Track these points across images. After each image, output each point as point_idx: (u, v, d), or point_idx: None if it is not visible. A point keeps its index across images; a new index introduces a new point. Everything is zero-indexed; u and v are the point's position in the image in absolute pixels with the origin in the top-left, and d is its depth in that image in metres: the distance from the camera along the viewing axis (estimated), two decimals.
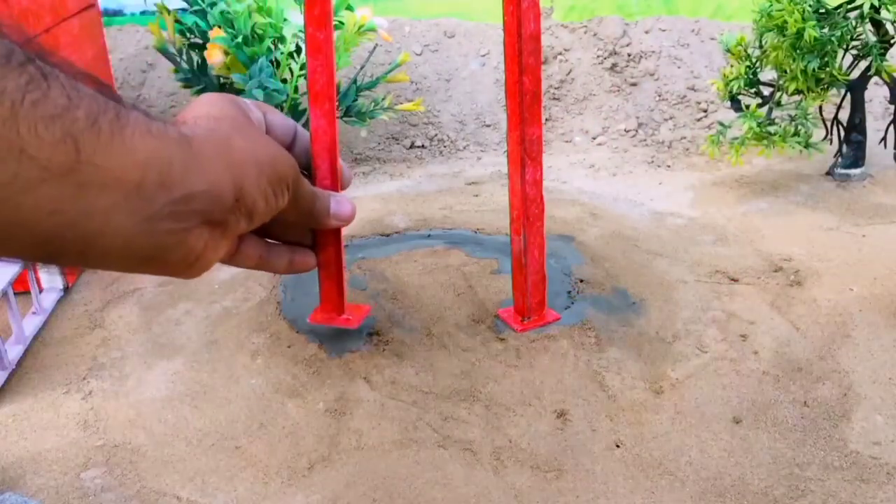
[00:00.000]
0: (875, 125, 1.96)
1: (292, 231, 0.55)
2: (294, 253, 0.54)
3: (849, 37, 1.52)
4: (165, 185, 0.35)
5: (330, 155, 0.89)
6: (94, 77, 0.34)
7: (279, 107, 1.66)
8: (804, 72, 1.54)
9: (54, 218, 0.31)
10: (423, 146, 2.13)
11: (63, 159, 0.30)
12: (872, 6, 1.49)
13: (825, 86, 1.58)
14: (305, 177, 0.51)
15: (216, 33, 1.58)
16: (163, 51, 1.68)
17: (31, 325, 1.25)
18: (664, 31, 2.36)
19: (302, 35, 1.63)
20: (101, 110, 0.32)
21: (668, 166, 1.96)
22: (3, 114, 0.28)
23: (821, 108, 1.69)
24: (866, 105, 1.75)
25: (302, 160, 0.49)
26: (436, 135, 2.16)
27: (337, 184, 0.88)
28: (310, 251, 0.56)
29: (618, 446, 0.96)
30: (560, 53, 2.33)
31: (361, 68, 1.87)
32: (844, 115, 1.75)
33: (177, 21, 1.69)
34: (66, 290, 1.38)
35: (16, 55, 0.29)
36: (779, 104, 1.65)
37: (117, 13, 2.38)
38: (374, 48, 1.95)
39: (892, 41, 1.58)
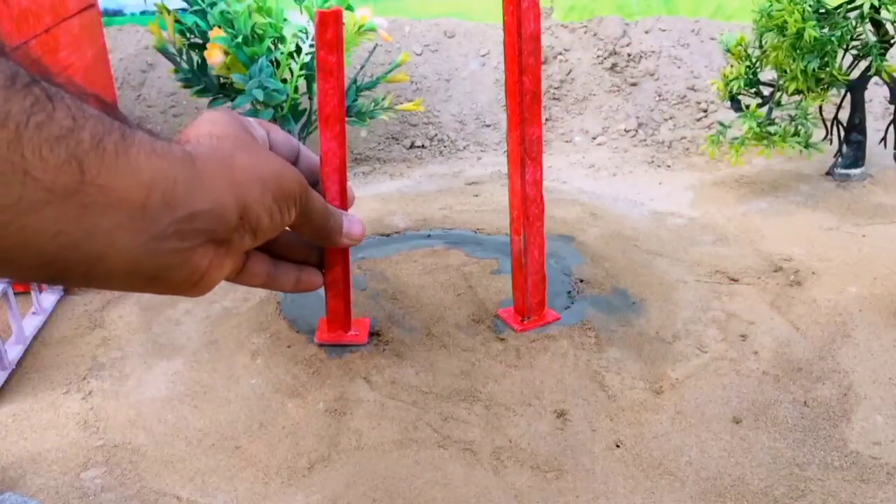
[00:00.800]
0: (875, 125, 1.96)
1: (298, 249, 0.54)
2: (301, 271, 0.53)
3: (849, 37, 1.52)
4: (170, 204, 0.35)
5: (339, 177, 0.89)
6: (99, 97, 0.34)
7: (279, 107, 1.66)
8: (804, 72, 1.54)
9: (58, 239, 0.31)
10: (423, 146, 2.13)
11: (67, 181, 0.30)
12: (872, 6, 1.49)
13: (825, 86, 1.58)
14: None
15: (216, 33, 1.58)
16: (163, 51, 1.68)
17: (31, 325, 1.25)
18: (664, 31, 2.36)
19: (302, 35, 1.63)
20: (106, 131, 0.32)
21: (668, 166, 1.96)
22: (7, 137, 0.28)
23: (821, 108, 1.69)
24: (866, 105, 1.75)
25: (306, 178, 0.49)
26: (436, 135, 2.16)
27: (346, 205, 0.88)
28: (316, 270, 0.55)
29: (618, 446, 0.96)
30: (560, 53, 2.33)
31: (361, 68, 1.87)
32: (844, 115, 1.75)
33: (177, 21, 1.69)
34: (67, 289, 1.38)
35: (20, 77, 0.29)
36: (779, 104, 1.65)
37: (117, 13, 2.38)
38: (374, 48, 1.95)
39: (892, 41, 1.58)
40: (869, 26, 1.54)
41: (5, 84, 0.28)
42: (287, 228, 0.48)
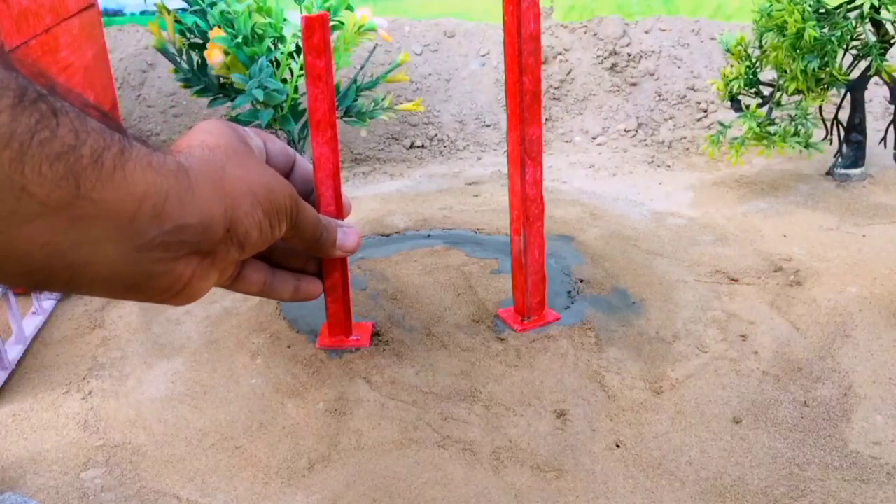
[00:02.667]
0: (875, 125, 1.97)
1: (296, 259, 0.54)
2: (300, 280, 0.53)
3: (849, 37, 1.52)
4: (159, 217, 0.35)
5: (334, 182, 0.89)
6: (99, 107, 0.34)
7: (279, 107, 1.66)
8: (804, 72, 1.54)
9: (46, 249, 0.31)
10: (423, 146, 2.13)
11: (62, 195, 0.30)
12: (872, 6, 1.49)
13: (825, 86, 1.58)
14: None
15: (216, 33, 1.58)
16: (163, 51, 1.68)
17: (31, 325, 1.25)
18: (664, 31, 2.36)
19: (302, 35, 1.62)
20: (105, 146, 0.32)
21: (668, 166, 1.96)
22: (10, 156, 0.28)
23: (821, 108, 1.69)
24: (866, 105, 1.75)
25: (300, 189, 0.49)
26: (436, 135, 2.16)
27: (341, 211, 0.88)
28: (316, 279, 0.54)
29: (618, 446, 0.96)
30: (560, 53, 2.33)
31: (361, 68, 1.87)
32: (844, 115, 1.75)
33: (177, 21, 1.69)
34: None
35: (29, 93, 0.29)
36: (779, 104, 1.65)
37: (117, 13, 2.38)
38: (374, 48, 1.95)
39: (892, 41, 1.58)
40: (869, 26, 1.53)
41: (13, 103, 0.28)
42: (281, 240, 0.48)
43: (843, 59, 1.58)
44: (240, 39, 1.57)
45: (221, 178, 0.39)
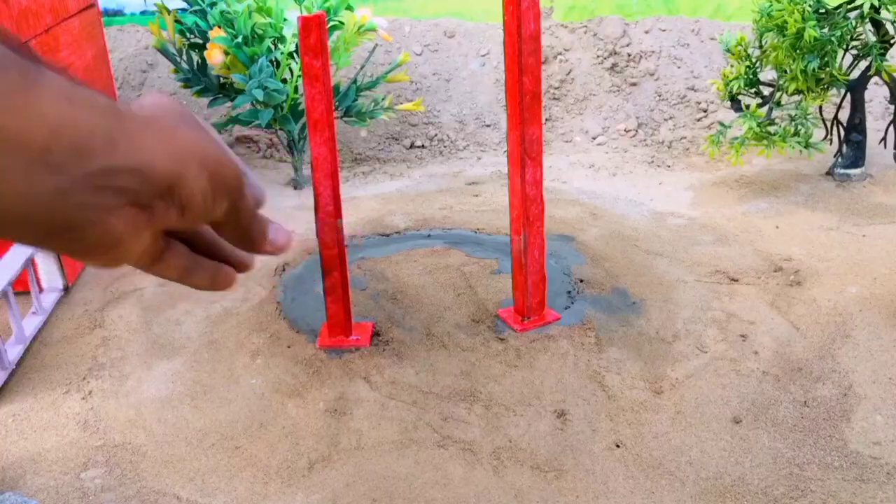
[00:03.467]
0: (875, 125, 1.96)
1: (219, 247, 0.54)
2: (218, 270, 0.53)
3: (849, 37, 1.52)
4: (81, 153, 0.34)
5: (332, 181, 0.90)
6: (16, 37, 0.33)
7: (279, 107, 1.66)
8: (804, 72, 1.54)
9: None
10: (423, 146, 2.13)
11: None
12: (872, 6, 1.49)
13: (825, 86, 1.58)
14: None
15: (216, 33, 1.58)
16: (163, 51, 1.68)
17: (31, 325, 1.25)
18: (664, 31, 2.36)
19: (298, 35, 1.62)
20: (3, 67, 0.31)
21: (668, 166, 1.96)
22: None
23: (821, 108, 1.69)
24: (866, 105, 1.75)
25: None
26: (436, 135, 2.16)
27: (340, 210, 0.88)
28: (232, 269, 0.55)
29: (618, 446, 0.96)
30: (560, 53, 2.33)
31: (361, 68, 1.87)
32: (844, 115, 1.75)
33: (177, 21, 1.69)
34: (66, 289, 1.37)
35: None
36: (779, 104, 1.65)
37: (117, 13, 2.38)
38: (374, 48, 1.95)
39: (892, 41, 1.58)
40: (869, 26, 1.53)
41: None
42: (210, 228, 0.47)
43: (843, 59, 1.58)
44: (240, 39, 1.57)
45: (172, 134, 0.39)
